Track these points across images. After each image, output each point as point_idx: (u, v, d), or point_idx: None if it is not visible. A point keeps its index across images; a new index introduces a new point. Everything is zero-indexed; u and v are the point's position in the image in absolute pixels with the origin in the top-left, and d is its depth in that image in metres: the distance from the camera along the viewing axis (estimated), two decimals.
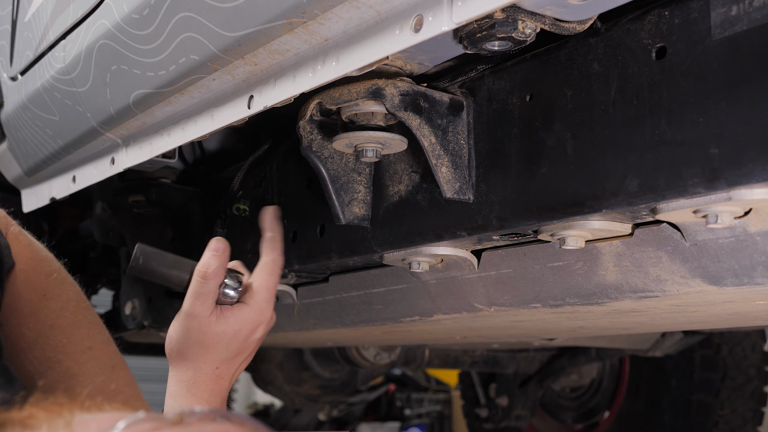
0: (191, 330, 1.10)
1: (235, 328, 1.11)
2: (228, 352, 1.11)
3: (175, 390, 1.11)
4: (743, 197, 0.85)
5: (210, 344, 1.10)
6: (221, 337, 1.10)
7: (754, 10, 0.82)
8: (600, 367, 3.35)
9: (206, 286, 1.10)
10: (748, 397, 2.98)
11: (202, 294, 1.10)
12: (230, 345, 1.11)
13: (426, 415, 6.56)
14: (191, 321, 1.10)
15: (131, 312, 2.17)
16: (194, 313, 1.10)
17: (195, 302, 1.10)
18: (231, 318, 1.11)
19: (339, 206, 1.27)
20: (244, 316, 1.12)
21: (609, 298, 1.16)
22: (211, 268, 1.09)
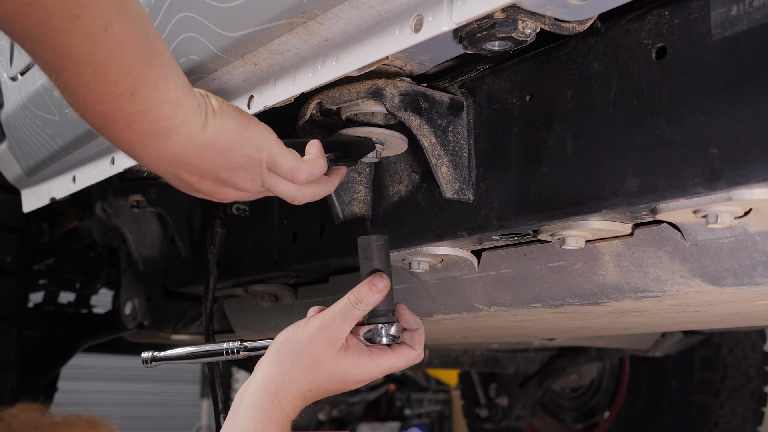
0: (316, 341, 1.05)
1: (350, 369, 1.06)
2: (328, 383, 1.06)
3: (263, 387, 1.04)
4: (743, 197, 0.85)
5: (321, 367, 1.05)
6: (334, 368, 1.06)
7: (754, 10, 0.82)
8: (600, 367, 3.35)
9: (353, 312, 1.06)
10: (748, 397, 2.98)
11: (348, 317, 1.06)
12: (334, 379, 1.06)
13: (426, 415, 6.56)
14: (322, 333, 1.05)
15: (131, 312, 2.17)
16: (329, 328, 1.06)
17: (336, 318, 1.06)
18: (354, 357, 1.07)
19: (339, 206, 1.27)
20: (363, 365, 1.07)
21: (609, 298, 1.16)
22: (362, 302, 1.06)
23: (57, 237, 2.71)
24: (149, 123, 0.83)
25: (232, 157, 0.94)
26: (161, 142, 0.86)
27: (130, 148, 0.87)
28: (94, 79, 0.77)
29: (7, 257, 2.34)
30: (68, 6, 0.71)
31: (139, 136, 0.84)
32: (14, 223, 2.35)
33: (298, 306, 1.75)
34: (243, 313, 2.00)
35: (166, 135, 0.86)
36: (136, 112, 0.81)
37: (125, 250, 2.14)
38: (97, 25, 0.73)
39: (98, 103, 0.80)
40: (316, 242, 1.46)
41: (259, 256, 1.63)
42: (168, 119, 0.84)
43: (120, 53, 0.76)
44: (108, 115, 0.81)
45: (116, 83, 0.78)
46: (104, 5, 0.73)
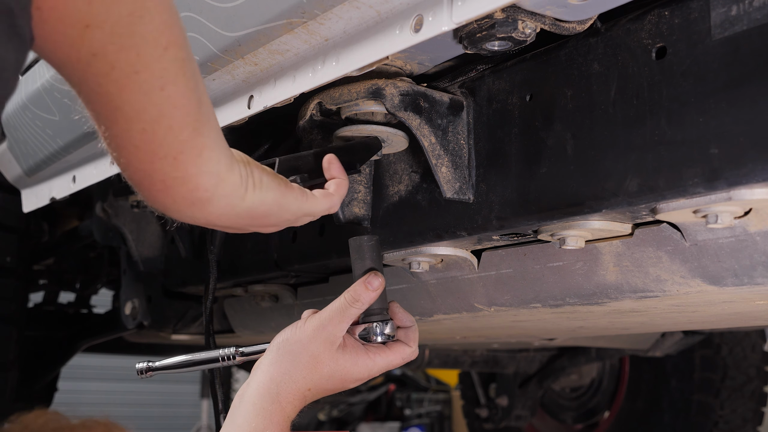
0: (314, 340, 1.07)
1: (348, 367, 1.08)
2: (328, 382, 1.08)
3: (264, 389, 1.05)
4: (743, 197, 0.85)
5: (320, 365, 1.07)
6: (333, 367, 1.07)
7: (754, 10, 0.82)
8: (600, 367, 3.35)
9: (349, 310, 1.08)
10: (748, 397, 2.98)
11: (345, 316, 1.08)
12: (333, 378, 1.08)
13: (426, 415, 6.56)
14: (320, 332, 1.07)
15: (131, 312, 2.17)
16: (327, 327, 1.07)
17: (334, 317, 1.07)
18: (352, 356, 1.08)
19: (340, 207, 1.27)
20: (361, 363, 1.09)
21: (609, 298, 1.16)
22: (359, 300, 1.08)
23: (57, 237, 2.71)
24: (187, 191, 0.84)
25: (266, 221, 0.99)
26: (196, 210, 0.87)
27: (163, 209, 0.88)
28: (141, 137, 0.77)
29: (7, 257, 2.34)
30: (130, 61, 0.71)
31: (174, 201, 0.85)
32: (14, 223, 2.35)
33: (298, 306, 1.75)
34: (243, 313, 2.00)
35: (202, 205, 0.87)
36: (177, 177, 0.82)
37: (125, 250, 2.14)
38: (154, 84, 0.74)
39: (141, 162, 0.80)
40: (316, 242, 1.46)
41: (259, 256, 1.63)
42: (207, 191, 0.85)
43: (171, 115, 0.77)
44: (148, 176, 0.82)
45: (162, 145, 0.78)
46: (164, 65, 0.73)
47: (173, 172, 0.81)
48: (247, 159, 0.94)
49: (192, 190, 0.84)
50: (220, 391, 1.34)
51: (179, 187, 0.83)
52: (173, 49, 0.73)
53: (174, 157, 0.80)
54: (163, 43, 0.72)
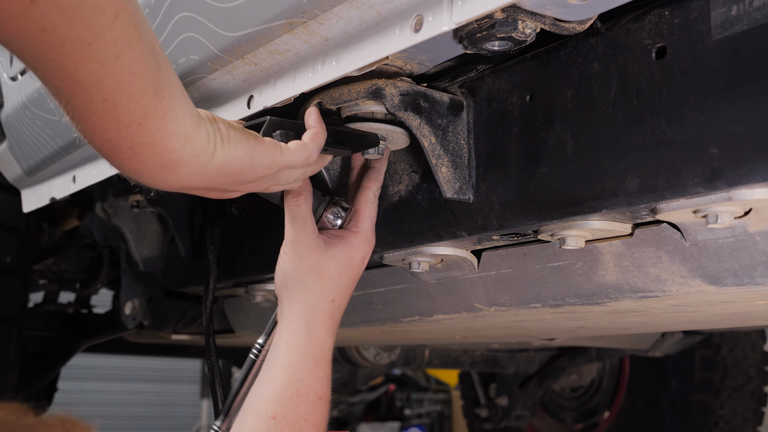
0: (303, 256, 1.06)
1: (346, 254, 1.08)
2: (342, 280, 1.07)
3: (293, 327, 1.04)
4: (743, 197, 0.85)
5: (325, 271, 1.06)
6: (335, 264, 1.07)
7: (754, 10, 0.82)
8: (600, 367, 3.35)
9: (299, 208, 1.07)
10: (748, 397, 2.98)
11: (300, 216, 1.07)
12: (343, 273, 1.07)
13: (426, 415, 6.56)
14: (300, 246, 1.07)
15: (131, 312, 2.17)
16: (300, 239, 1.07)
17: (296, 226, 1.07)
18: (340, 244, 1.08)
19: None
20: (353, 242, 1.09)
21: (609, 298, 1.16)
22: (297, 192, 1.07)
23: (57, 237, 2.71)
24: (156, 155, 0.83)
25: (241, 177, 0.95)
26: (168, 173, 0.87)
27: (136, 176, 0.87)
28: (103, 107, 0.76)
29: (7, 257, 2.34)
30: (81, 33, 0.70)
31: (145, 167, 0.85)
32: (14, 223, 2.35)
33: None
34: (243, 313, 2.00)
35: (174, 166, 0.86)
36: (143, 143, 0.81)
37: (125, 250, 2.14)
38: (108, 53, 0.73)
39: (106, 132, 0.79)
40: None
41: (259, 256, 1.63)
42: (175, 151, 0.84)
43: (130, 82, 0.76)
44: (115, 144, 0.81)
45: (125, 113, 0.78)
46: (116, 34, 0.73)
47: (140, 138, 0.81)
48: (213, 116, 0.92)
49: (161, 153, 0.83)
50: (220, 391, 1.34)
51: (148, 152, 0.82)
52: (123, 16, 0.72)
53: (139, 123, 0.79)
54: (113, 11, 0.71)
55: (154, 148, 0.82)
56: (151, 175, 0.86)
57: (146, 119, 0.79)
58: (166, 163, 0.85)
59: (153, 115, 0.80)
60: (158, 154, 0.83)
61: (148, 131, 0.80)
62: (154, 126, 0.81)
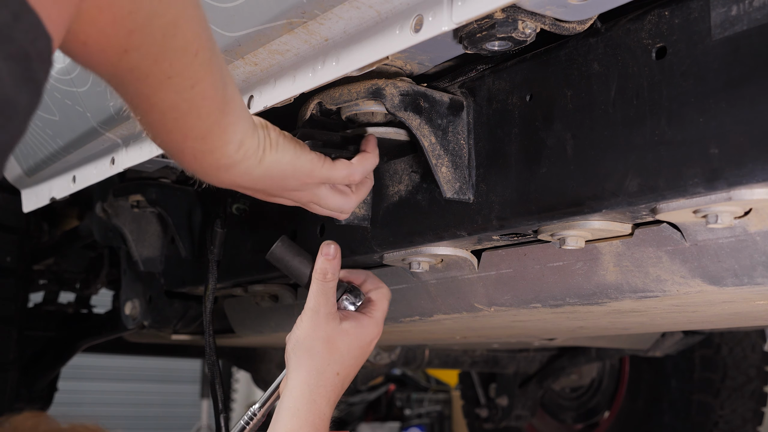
0: (318, 325, 1.13)
1: (358, 333, 1.15)
2: (350, 357, 1.14)
3: (297, 392, 1.10)
4: (743, 197, 0.85)
5: (335, 343, 1.12)
6: (345, 339, 1.14)
7: (754, 10, 0.82)
8: (600, 367, 3.35)
9: (325, 285, 1.15)
10: (748, 397, 2.98)
11: (325, 292, 1.15)
12: (351, 350, 1.14)
13: (426, 415, 6.56)
14: (318, 317, 1.13)
15: (131, 312, 2.16)
16: (320, 310, 1.14)
17: (319, 299, 1.14)
18: (354, 323, 1.15)
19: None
20: (365, 324, 1.16)
21: (609, 298, 1.16)
22: (329, 273, 1.15)
23: (57, 237, 2.71)
24: (214, 159, 0.93)
25: (284, 183, 1.04)
26: (222, 173, 0.96)
27: (195, 173, 0.97)
28: (174, 124, 0.84)
29: (7, 257, 2.34)
30: (164, 70, 0.76)
31: (203, 169, 0.95)
32: (14, 223, 2.35)
33: (298, 306, 1.75)
34: (243, 313, 2.00)
35: (227, 169, 0.95)
36: (205, 150, 0.91)
37: (125, 250, 2.14)
38: (185, 85, 0.79)
39: (174, 142, 0.88)
40: (316, 242, 1.46)
41: (259, 256, 1.62)
42: (230, 157, 0.93)
43: (201, 105, 0.83)
44: (180, 150, 0.91)
45: (193, 128, 0.86)
46: (195, 68, 0.79)
47: (202, 147, 0.89)
48: (266, 123, 1.00)
49: (218, 158, 0.93)
50: (220, 391, 1.34)
51: (207, 157, 0.92)
52: (202, 53, 0.78)
53: (203, 136, 0.88)
54: (194, 51, 0.77)
55: (213, 154, 0.92)
56: (207, 174, 0.97)
57: (210, 133, 0.88)
58: (221, 165, 0.94)
59: (216, 129, 0.88)
60: (216, 159, 0.93)
61: (210, 142, 0.90)
62: (216, 138, 0.89)
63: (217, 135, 0.89)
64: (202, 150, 0.90)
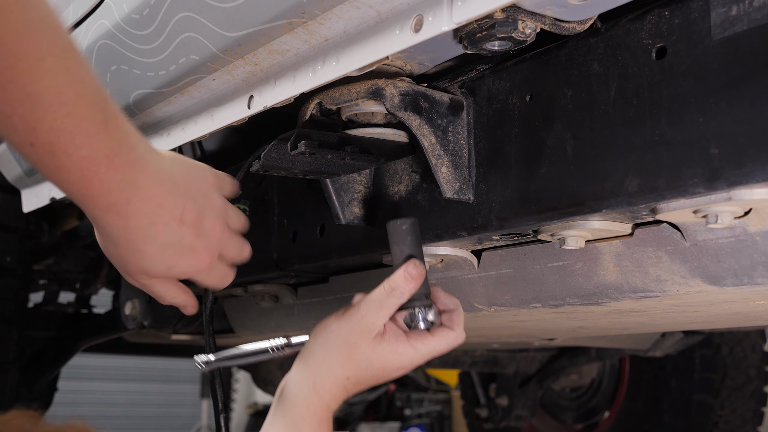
0: (350, 332, 1.05)
1: (388, 356, 1.06)
2: (365, 371, 1.06)
3: (304, 375, 1.05)
4: (743, 197, 0.85)
5: (356, 353, 1.05)
6: (371, 355, 1.05)
7: (754, 10, 0.82)
8: (600, 367, 3.35)
9: (388, 300, 1.05)
10: (748, 397, 2.98)
11: (384, 306, 1.05)
12: (371, 367, 1.06)
13: (426, 415, 6.56)
14: (358, 322, 1.05)
15: (131, 312, 2.17)
16: (365, 318, 1.05)
17: (372, 307, 1.05)
18: (392, 346, 1.06)
19: (339, 206, 1.27)
20: (401, 351, 1.06)
21: (609, 298, 1.16)
22: (398, 290, 1.05)
23: (57, 237, 2.71)
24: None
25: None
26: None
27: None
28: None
29: (7, 257, 2.34)
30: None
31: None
32: (14, 223, 2.35)
33: (298, 306, 1.75)
34: (243, 313, 2.00)
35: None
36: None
37: None
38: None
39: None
40: (316, 242, 1.46)
41: (259, 256, 1.62)
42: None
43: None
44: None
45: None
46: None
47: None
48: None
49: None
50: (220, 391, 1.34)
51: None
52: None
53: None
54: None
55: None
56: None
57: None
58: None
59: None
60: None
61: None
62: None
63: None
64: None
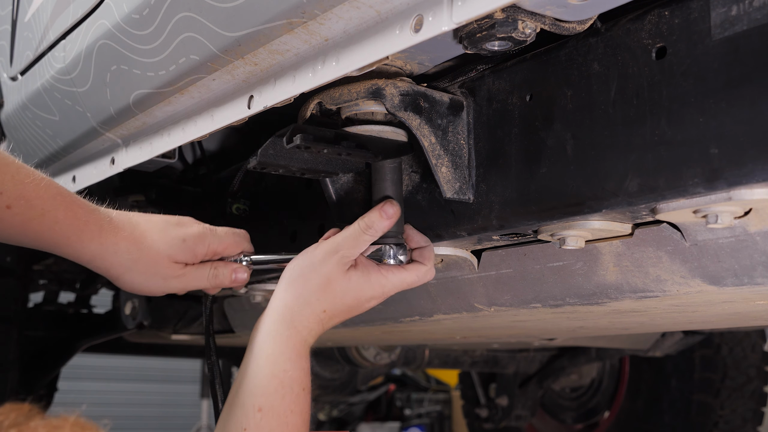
0: (325, 262, 1.09)
1: (361, 285, 1.10)
2: (340, 302, 1.09)
3: (278, 315, 1.07)
4: (743, 197, 0.85)
5: (332, 284, 1.08)
6: (345, 285, 1.09)
7: (754, 10, 0.82)
8: (600, 367, 3.35)
9: (363, 236, 1.10)
10: (748, 397, 2.98)
11: (358, 241, 1.10)
12: (346, 297, 1.09)
13: (426, 415, 6.56)
14: (331, 255, 1.09)
15: (131, 312, 2.17)
16: (338, 251, 1.09)
17: (347, 242, 1.10)
18: (364, 276, 1.10)
19: (339, 206, 1.27)
20: (374, 279, 1.11)
21: (609, 298, 1.16)
22: (373, 227, 1.10)
23: None
24: None
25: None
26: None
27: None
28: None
29: (7, 257, 2.34)
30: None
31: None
32: None
33: None
34: (243, 313, 2.00)
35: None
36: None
37: None
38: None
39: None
40: (316, 242, 1.46)
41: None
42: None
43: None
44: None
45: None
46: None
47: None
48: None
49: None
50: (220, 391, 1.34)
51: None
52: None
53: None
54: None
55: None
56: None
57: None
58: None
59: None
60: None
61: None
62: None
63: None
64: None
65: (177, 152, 1.52)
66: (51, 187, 1.07)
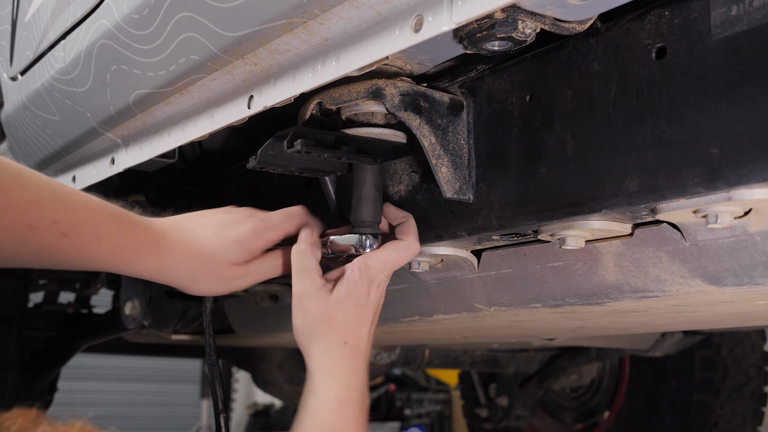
0: (308, 309, 1.11)
1: (350, 294, 1.11)
2: (351, 323, 1.10)
3: (314, 376, 1.09)
4: (743, 197, 0.85)
5: (332, 318, 1.09)
6: (341, 309, 1.10)
7: (754, 10, 0.82)
8: (600, 367, 3.35)
9: (305, 261, 1.12)
10: (748, 397, 2.98)
11: (305, 269, 1.12)
12: (351, 316, 1.10)
13: (426, 415, 6.56)
14: (306, 299, 1.11)
15: (131, 312, 2.16)
16: (305, 292, 1.11)
17: (301, 280, 1.12)
18: (344, 286, 1.11)
19: (338, 205, 1.27)
20: (357, 276, 1.12)
21: (609, 298, 1.16)
22: (302, 245, 1.12)
23: None
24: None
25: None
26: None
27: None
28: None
29: None
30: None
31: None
32: None
33: None
34: (243, 313, 2.00)
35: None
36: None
37: None
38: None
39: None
40: None
41: None
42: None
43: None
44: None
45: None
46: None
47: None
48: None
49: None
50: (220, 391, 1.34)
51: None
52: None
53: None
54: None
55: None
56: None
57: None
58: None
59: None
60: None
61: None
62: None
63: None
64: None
65: (177, 152, 1.52)
66: (104, 210, 1.06)
